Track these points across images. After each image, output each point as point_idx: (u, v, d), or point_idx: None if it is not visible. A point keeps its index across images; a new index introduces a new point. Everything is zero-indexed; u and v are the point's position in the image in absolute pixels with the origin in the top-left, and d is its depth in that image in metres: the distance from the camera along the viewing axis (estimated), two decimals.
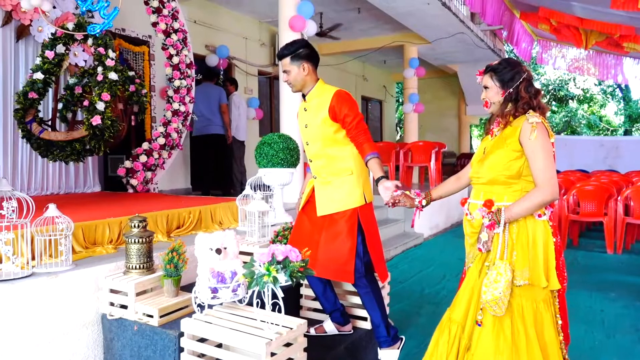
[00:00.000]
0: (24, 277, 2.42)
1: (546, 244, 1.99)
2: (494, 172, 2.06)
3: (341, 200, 2.64)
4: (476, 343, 2.02)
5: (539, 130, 1.95)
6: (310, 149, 2.76)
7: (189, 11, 7.34)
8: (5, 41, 4.82)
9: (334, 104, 2.60)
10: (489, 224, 2.00)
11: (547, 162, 1.95)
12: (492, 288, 1.90)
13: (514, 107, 2.06)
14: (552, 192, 1.94)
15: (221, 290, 2.36)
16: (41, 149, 4.58)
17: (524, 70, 2.08)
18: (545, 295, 2.00)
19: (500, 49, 12.13)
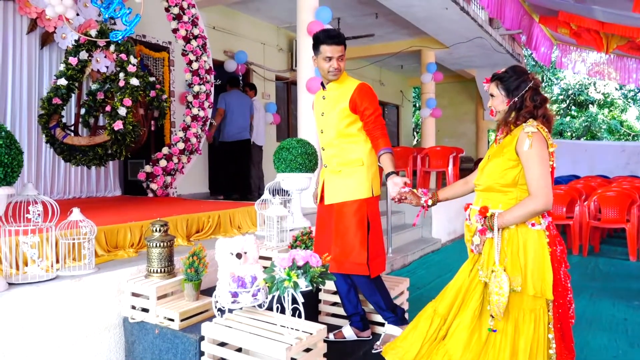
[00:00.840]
0: (48, 280, 2.46)
1: (539, 254, 1.99)
2: (491, 180, 2.09)
3: (349, 190, 2.66)
4: (451, 335, 2.06)
5: (534, 139, 1.96)
6: (323, 138, 2.78)
7: (208, 17, 7.43)
8: (30, 48, 4.93)
9: (356, 96, 2.63)
10: (481, 229, 2.04)
11: (542, 171, 1.96)
12: (500, 296, 1.93)
13: (516, 115, 2.07)
14: (545, 202, 1.94)
15: (241, 294, 2.37)
16: (64, 153, 4.66)
17: (530, 79, 2.08)
18: (535, 305, 1.99)
19: (519, 54, 12.02)
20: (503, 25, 9.95)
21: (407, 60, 12.14)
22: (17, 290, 2.28)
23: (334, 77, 2.68)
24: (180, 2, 5.54)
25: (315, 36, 2.69)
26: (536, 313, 1.99)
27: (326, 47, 2.62)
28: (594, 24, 9.64)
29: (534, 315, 1.98)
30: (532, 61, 21.17)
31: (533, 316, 1.98)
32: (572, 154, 13.74)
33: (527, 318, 1.99)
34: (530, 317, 1.98)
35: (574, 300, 2.15)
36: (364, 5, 8.16)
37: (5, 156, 2.15)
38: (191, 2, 5.68)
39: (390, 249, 5.56)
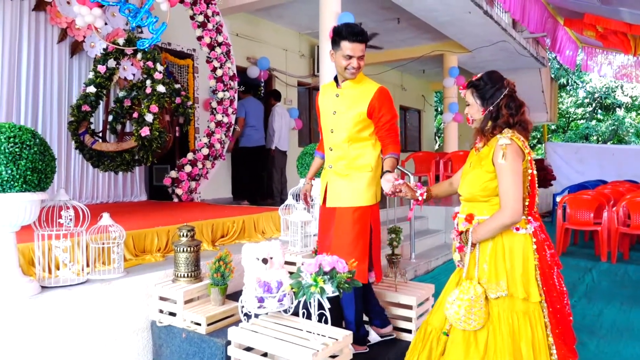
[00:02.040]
0: (79, 283, 2.52)
1: (526, 257, 1.98)
2: (472, 192, 2.09)
3: (355, 196, 2.58)
4: (448, 351, 2.05)
5: (508, 151, 1.95)
6: (333, 138, 2.64)
7: (232, 24, 7.52)
8: (60, 57, 5.06)
9: (375, 102, 2.53)
10: (459, 245, 2.06)
11: (512, 183, 1.94)
12: (455, 305, 1.96)
13: (492, 125, 2.04)
14: (511, 215, 1.93)
15: (267, 299, 2.39)
16: (93, 159, 4.77)
17: (505, 86, 2.05)
18: (527, 308, 1.98)
19: (543, 57, 11.85)
20: (527, 28, 9.82)
21: (428, 65, 12.07)
22: (50, 293, 2.34)
23: (352, 76, 2.55)
24: (205, 10, 5.63)
25: (337, 30, 2.52)
26: (530, 315, 1.98)
27: (347, 44, 2.46)
28: (621, 26, 9.45)
29: (529, 318, 1.97)
30: (557, 64, 20.83)
31: (527, 319, 1.97)
32: (598, 159, 13.45)
33: (523, 321, 1.97)
34: (525, 319, 1.97)
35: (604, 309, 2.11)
36: (385, 10, 8.15)
37: (40, 162, 2.21)
38: (215, 9, 5.76)
39: (414, 255, 5.52)
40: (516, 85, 2.15)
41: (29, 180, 2.17)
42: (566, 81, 22.81)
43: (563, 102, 23.54)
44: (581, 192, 6.84)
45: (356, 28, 2.49)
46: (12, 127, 2.19)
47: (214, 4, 5.76)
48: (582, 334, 3.50)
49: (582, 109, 24.10)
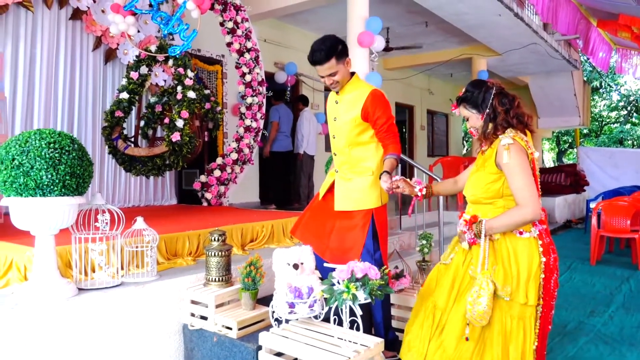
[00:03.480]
0: (114, 286, 2.56)
1: (530, 262, 1.99)
2: (476, 194, 2.12)
3: (359, 200, 2.64)
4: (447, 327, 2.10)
5: (512, 150, 1.96)
6: (335, 143, 2.73)
7: (260, 30, 7.59)
8: (95, 64, 5.20)
9: (368, 105, 2.56)
10: (472, 240, 2.06)
11: (525, 181, 1.95)
12: (476, 304, 1.94)
13: (494, 126, 2.07)
14: (533, 211, 1.94)
15: (298, 305, 2.38)
16: (125, 164, 4.87)
17: (491, 85, 2.09)
18: (524, 313, 1.99)
19: (575, 59, 11.58)
20: (557, 30, 9.62)
21: (456, 69, 11.94)
22: (87, 295, 2.39)
23: (335, 89, 2.65)
24: (234, 17, 5.70)
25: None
26: (525, 322, 1.99)
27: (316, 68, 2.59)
28: None
29: (523, 324, 1.99)
30: (589, 67, 20.34)
31: (522, 324, 1.99)
32: (634, 164, 13.05)
33: (516, 325, 1.99)
34: (519, 324, 1.99)
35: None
36: (413, 14, 8.11)
37: (78, 167, 2.27)
38: (245, 16, 5.83)
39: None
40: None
41: (68, 184, 2.23)
42: (599, 84, 22.23)
43: (596, 105, 22.96)
44: (617, 199, 6.64)
45: (312, 54, 2.54)
46: (52, 132, 2.25)
47: (244, 10, 5.82)
48: (621, 346, 3.39)
49: (616, 113, 23.45)
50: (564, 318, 4.02)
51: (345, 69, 2.58)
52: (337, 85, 2.61)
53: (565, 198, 10.99)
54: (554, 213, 10.31)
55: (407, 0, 7.04)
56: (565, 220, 10.66)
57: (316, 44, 2.54)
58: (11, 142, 2.21)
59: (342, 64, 2.55)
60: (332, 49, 2.51)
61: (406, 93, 12.16)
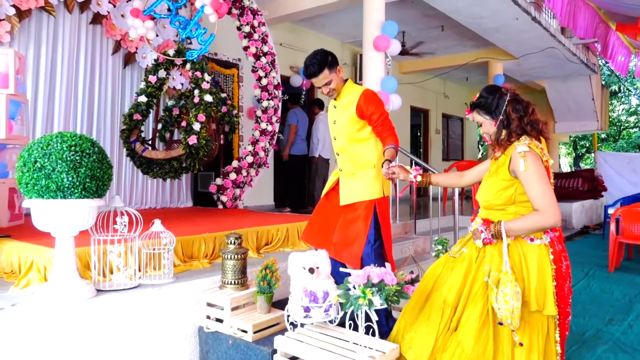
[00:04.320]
0: (132, 288, 2.59)
1: (541, 269, 1.99)
2: (488, 200, 2.13)
3: (362, 191, 2.77)
4: (463, 325, 2.07)
5: (528, 158, 1.96)
6: (337, 144, 2.91)
7: (276, 34, 7.63)
8: (114, 68, 5.27)
9: (361, 103, 2.73)
10: (488, 240, 2.06)
11: (544, 187, 1.95)
12: (503, 303, 1.93)
13: (507, 133, 2.07)
14: (553, 217, 1.94)
15: (313, 309, 2.39)
16: (143, 166, 4.93)
17: (505, 92, 2.11)
18: (531, 318, 1.99)
19: (594, 63, 11.43)
20: (575, 34, 9.51)
21: (472, 72, 11.86)
22: (105, 297, 2.43)
23: (332, 97, 2.87)
24: (251, 21, 5.74)
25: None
26: (531, 327, 1.99)
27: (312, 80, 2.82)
28: None
29: (529, 329, 1.99)
30: (608, 71, 20.06)
31: (528, 330, 1.99)
32: None
33: (522, 330, 1.99)
34: (524, 329, 1.99)
35: None
36: (429, 18, 8.08)
37: (98, 170, 2.30)
38: (261, 20, 5.87)
39: None
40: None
41: (88, 187, 2.26)
42: (618, 88, 21.91)
43: (614, 109, 22.62)
44: (636, 205, 6.52)
45: (306, 68, 2.77)
46: (73, 136, 2.29)
47: (261, 14, 5.86)
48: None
49: (635, 117, 23.07)
50: (582, 326, 3.96)
51: (338, 76, 2.80)
52: (334, 92, 2.84)
53: (582, 204, 10.84)
54: (571, 219, 10.18)
55: (423, 4, 7.02)
56: (583, 226, 10.52)
57: (308, 59, 2.77)
58: (33, 145, 2.26)
59: (334, 73, 2.78)
60: (323, 61, 2.74)
61: (421, 97, 12.12)
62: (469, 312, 2.07)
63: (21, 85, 3.87)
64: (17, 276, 2.70)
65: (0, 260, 2.91)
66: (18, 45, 4.40)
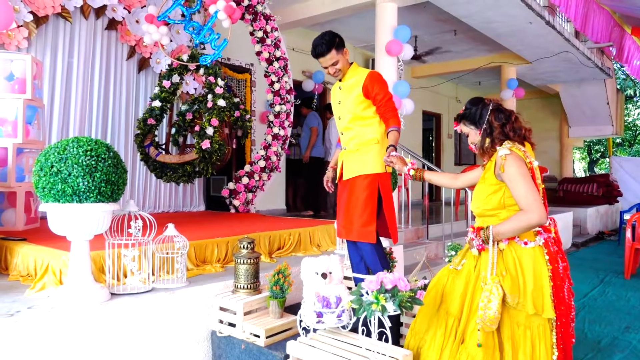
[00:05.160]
0: (145, 291, 2.61)
1: (537, 272, 2.01)
2: (479, 206, 2.19)
3: (365, 165, 2.84)
4: (469, 337, 2.07)
5: (510, 159, 2.03)
6: (341, 123, 2.99)
7: (288, 39, 7.66)
8: (129, 73, 5.33)
9: (367, 83, 2.82)
10: (480, 246, 2.12)
11: (527, 187, 2.00)
12: (487, 309, 1.97)
13: (491, 140, 2.16)
14: (538, 215, 1.97)
15: (326, 315, 2.38)
16: (157, 170, 4.97)
17: (488, 102, 2.20)
18: (531, 323, 2.00)
19: (608, 67, 11.30)
20: (590, 38, 9.41)
21: (485, 77, 11.80)
22: (119, 300, 2.44)
23: (337, 78, 2.95)
24: (264, 26, 5.77)
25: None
26: (532, 331, 2.00)
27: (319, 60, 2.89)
28: None
29: (530, 333, 2.00)
30: (623, 75, 19.82)
31: (529, 334, 2.00)
32: None
33: (523, 335, 2.01)
34: (526, 334, 2.00)
35: None
36: (442, 22, 8.06)
37: (113, 175, 2.33)
38: (274, 25, 5.90)
39: None
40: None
41: (103, 191, 2.28)
42: (633, 92, 21.63)
43: (629, 114, 22.33)
44: None
45: (315, 48, 2.85)
46: (89, 140, 2.32)
47: (273, 20, 5.89)
48: None
49: None
50: (598, 333, 3.91)
51: (345, 58, 2.88)
52: (340, 73, 2.91)
53: (597, 209, 10.71)
54: (585, 224, 10.05)
55: (435, 9, 7.00)
56: (598, 232, 10.39)
57: (316, 39, 2.86)
58: (50, 150, 2.29)
59: (341, 54, 2.86)
60: (331, 41, 2.83)
61: (434, 101, 12.08)
62: (473, 322, 2.08)
63: (38, 91, 3.93)
64: (33, 279, 2.74)
65: (17, 264, 2.95)
66: (35, 51, 4.47)
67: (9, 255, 3.04)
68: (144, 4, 5.09)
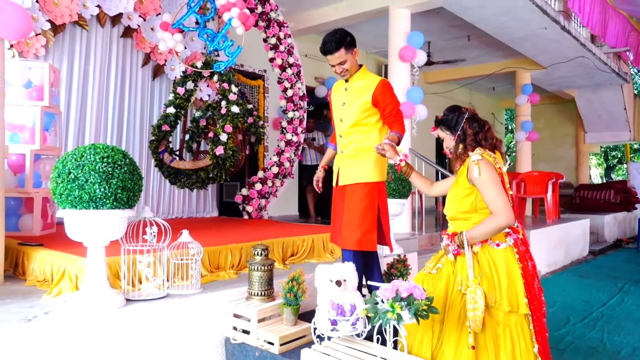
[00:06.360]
0: (160, 298, 2.61)
1: (510, 271, 2.13)
2: (452, 209, 2.31)
3: (363, 173, 2.82)
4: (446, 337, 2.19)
5: (481, 165, 2.15)
6: (342, 126, 2.92)
7: (301, 45, 7.68)
8: (144, 79, 5.38)
9: (378, 93, 2.78)
10: (456, 251, 2.22)
11: (496, 191, 2.13)
12: (476, 310, 2.06)
13: (464, 146, 2.29)
14: (506, 218, 2.10)
15: (340, 322, 2.36)
16: (171, 176, 5.00)
17: (464, 111, 2.34)
18: (509, 321, 2.10)
19: (625, 72, 11.16)
20: (606, 42, 9.31)
21: (499, 82, 11.72)
22: (134, 306, 2.45)
23: (344, 77, 2.90)
24: (277, 33, 5.80)
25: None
26: (511, 328, 2.10)
27: (327, 57, 2.85)
28: None
29: (509, 331, 2.10)
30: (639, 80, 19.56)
31: (508, 331, 2.10)
32: None
33: (502, 333, 2.10)
34: (505, 332, 2.10)
35: None
36: (455, 28, 8.03)
37: (129, 181, 2.34)
38: (287, 32, 5.92)
39: None
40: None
41: (119, 197, 2.30)
42: None
43: None
44: None
45: (324, 44, 2.81)
46: (105, 147, 2.34)
47: (287, 26, 5.92)
48: None
49: None
50: (617, 343, 3.83)
51: (354, 58, 2.83)
52: (347, 73, 2.86)
53: (615, 216, 10.55)
54: (603, 232, 9.90)
55: (449, 15, 6.98)
56: (616, 240, 10.22)
57: (327, 36, 2.82)
58: (67, 157, 2.31)
59: (350, 54, 2.81)
60: (342, 40, 2.78)
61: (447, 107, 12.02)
62: (448, 322, 2.20)
63: (55, 98, 3.99)
64: (49, 284, 2.76)
65: (34, 269, 2.98)
66: (52, 59, 4.54)
67: (26, 260, 3.07)
68: (159, 11, 5.15)
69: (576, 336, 4.10)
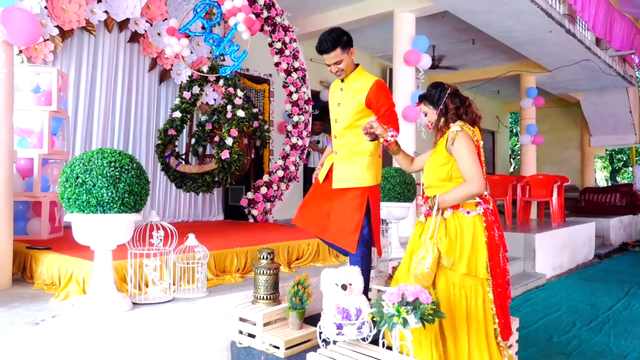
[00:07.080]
0: (166, 301, 2.63)
1: (475, 238, 2.28)
2: (429, 177, 2.46)
3: (356, 177, 2.81)
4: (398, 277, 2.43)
5: (459, 136, 2.30)
6: (337, 127, 2.91)
7: (306, 50, 7.70)
8: (150, 84, 5.42)
9: (372, 94, 2.75)
10: (427, 212, 2.41)
11: (471, 161, 2.28)
12: (420, 264, 2.26)
13: (445, 119, 2.43)
14: (478, 186, 2.27)
15: (346, 326, 2.37)
16: (177, 180, 5.03)
17: (447, 87, 2.46)
18: (465, 283, 2.28)
19: (631, 75, 11.12)
20: (611, 46, 9.29)
21: (504, 85, 11.70)
22: (141, 310, 2.47)
23: (339, 77, 2.85)
24: (282, 37, 5.83)
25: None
26: (466, 290, 2.28)
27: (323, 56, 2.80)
28: None
29: (464, 292, 2.28)
30: None
31: (463, 292, 2.28)
32: None
33: (458, 294, 2.27)
34: (461, 292, 2.28)
35: None
36: (460, 32, 8.04)
37: (136, 186, 2.36)
38: (293, 36, 5.95)
39: None
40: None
41: (126, 202, 2.32)
42: None
43: None
44: None
45: (320, 43, 2.75)
46: (113, 152, 2.36)
47: (292, 31, 5.95)
48: None
49: None
50: (624, 348, 3.81)
51: (350, 58, 2.78)
52: (342, 73, 2.81)
53: (620, 219, 10.50)
54: (609, 235, 9.85)
55: (453, 18, 6.99)
56: (622, 243, 10.17)
57: (323, 35, 2.76)
58: (75, 161, 2.33)
59: (346, 54, 2.76)
60: (338, 39, 2.73)
61: None
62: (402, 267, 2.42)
63: (63, 102, 4.02)
64: (57, 288, 2.78)
65: (41, 272, 3.00)
66: (60, 64, 4.58)
67: (34, 264, 3.10)
68: (165, 17, 5.19)
69: (582, 340, 4.09)
